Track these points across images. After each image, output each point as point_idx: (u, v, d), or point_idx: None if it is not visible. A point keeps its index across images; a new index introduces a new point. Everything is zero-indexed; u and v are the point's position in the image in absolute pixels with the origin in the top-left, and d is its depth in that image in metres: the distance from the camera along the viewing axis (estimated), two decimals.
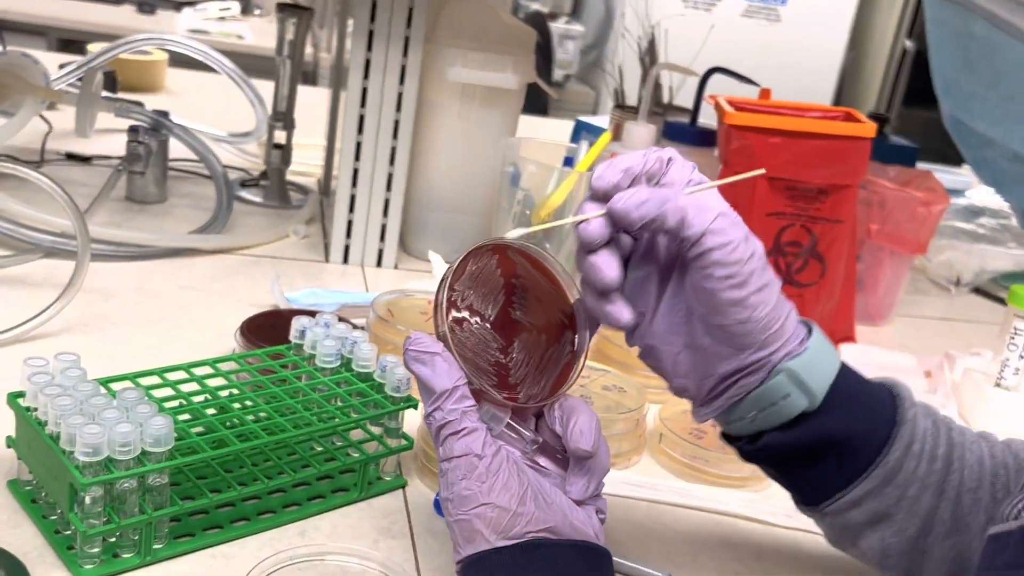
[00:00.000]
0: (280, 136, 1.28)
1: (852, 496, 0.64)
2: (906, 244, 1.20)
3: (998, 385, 1.04)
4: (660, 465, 0.87)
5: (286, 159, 1.29)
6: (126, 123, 1.22)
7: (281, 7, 1.24)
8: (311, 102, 1.44)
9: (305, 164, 1.40)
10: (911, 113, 3.54)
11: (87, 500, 0.60)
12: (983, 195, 1.57)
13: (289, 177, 1.32)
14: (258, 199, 1.28)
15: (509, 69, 1.13)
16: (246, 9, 3.40)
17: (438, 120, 1.15)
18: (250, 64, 1.51)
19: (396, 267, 1.16)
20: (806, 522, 0.79)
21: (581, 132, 1.50)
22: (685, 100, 1.31)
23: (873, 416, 0.65)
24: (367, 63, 1.07)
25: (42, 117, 1.23)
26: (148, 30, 2.49)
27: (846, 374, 0.64)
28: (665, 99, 1.35)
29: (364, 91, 1.08)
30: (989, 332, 1.23)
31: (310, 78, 2.30)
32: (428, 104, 1.13)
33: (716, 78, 1.24)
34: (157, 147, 1.19)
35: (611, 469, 0.83)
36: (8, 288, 0.96)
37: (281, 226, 1.20)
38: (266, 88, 1.40)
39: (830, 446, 0.64)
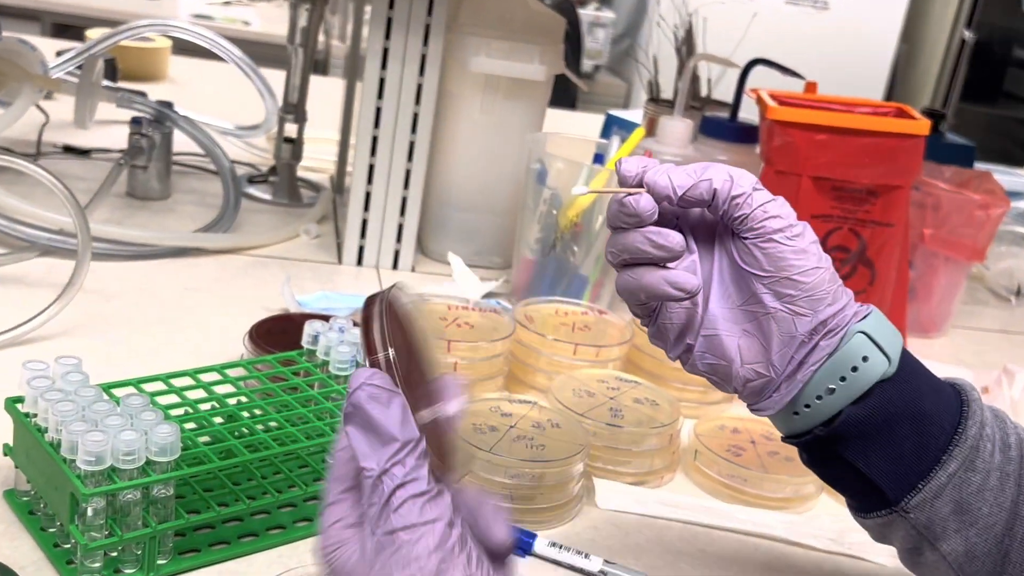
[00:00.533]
0: (291, 129, 1.29)
1: (936, 482, 0.64)
2: (962, 250, 1.19)
3: None
4: (695, 484, 0.87)
5: (297, 154, 1.30)
6: (127, 114, 1.23)
7: None
8: (323, 93, 1.45)
9: (317, 159, 1.41)
10: (969, 109, 3.54)
11: (89, 511, 0.61)
12: None
13: (300, 173, 1.33)
14: (267, 196, 1.29)
15: (536, 59, 1.13)
16: None
17: (459, 113, 1.15)
18: (258, 52, 1.52)
19: (413, 270, 1.17)
20: (851, 546, 0.81)
21: (612, 127, 1.51)
22: (724, 94, 1.32)
23: (942, 393, 0.67)
24: (385, 52, 1.08)
25: (39, 107, 1.24)
26: (150, 15, 2.50)
27: (906, 351, 0.65)
28: (703, 92, 1.36)
29: (382, 82, 1.09)
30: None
31: (321, 67, 2.32)
32: (449, 96, 1.14)
33: (758, 70, 1.24)
34: (160, 140, 1.21)
35: (643, 487, 0.84)
36: (4, 288, 0.97)
37: (291, 225, 1.21)
38: (275, 78, 1.42)
39: (909, 420, 0.65)
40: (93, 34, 1.63)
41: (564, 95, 1.64)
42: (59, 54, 1.35)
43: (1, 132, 1.13)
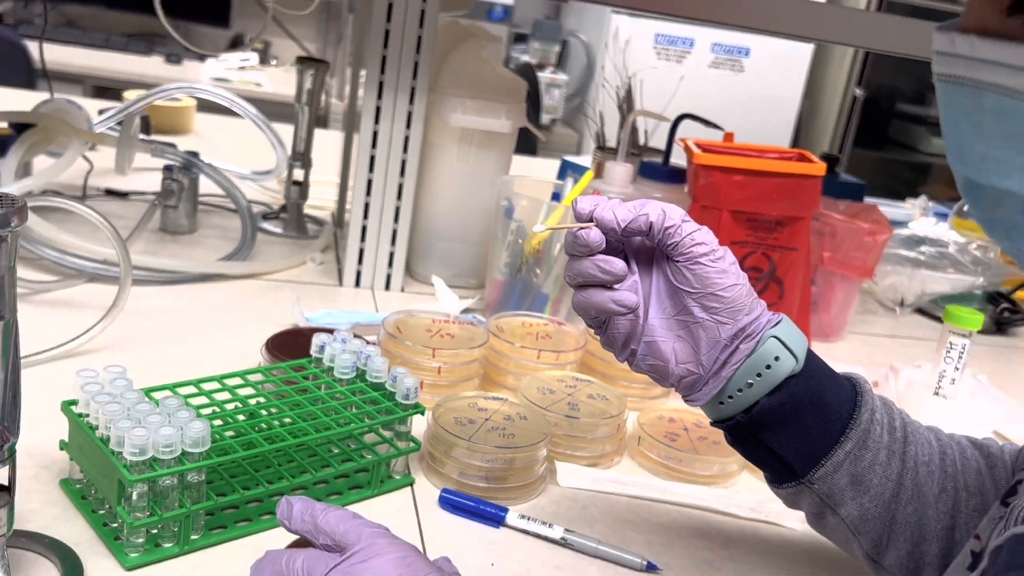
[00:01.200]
0: (298, 174, 1.28)
1: (836, 459, 0.65)
2: (855, 269, 1.20)
3: (936, 394, 1.06)
4: (639, 465, 0.87)
5: (304, 194, 1.30)
6: (159, 162, 1.23)
7: (300, 60, 1.25)
8: (325, 144, 1.45)
9: (320, 199, 1.40)
10: (860, 154, 3.57)
11: (134, 495, 0.61)
12: (924, 226, 1.58)
13: (306, 210, 1.32)
14: (279, 230, 1.29)
15: (503, 115, 1.14)
16: (263, 60, 3.40)
17: (440, 160, 1.15)
18: (268, 109, 1.52)
19: (403, 290, 1.16)
20: (768, 514, 0.81)
21: (567, 170, 1.50)
22: (658, 142, 1.32)
23: (840, 385, 0.67)
24: (378, 110, 1.08)
25: (84, 157, 1.23)
26: (176, 79, 2.49)
27: (811, 351, 0.66)
28: (641, 141, 1.36)
29: (375, 134, 1.09)
30: (929, 347, 1.23)
31: (323, 122, 2.31)
32: (431, 146, 1.14)
33: (686, 123, 1.25)
34: (188, 184, 1.20)
35: (596, 468, 0.85)
36: (56, 309, 0.96)
37: (299, 254, 1.20)
38: (284, 131, 1.41)
39: (813, 407, 0.65)
40: (131, 95, 1.62)
41: (526, 144, 1.64)
42: (101, 112, 1.34)
43: (54, 178, 1.12)
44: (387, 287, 1.16)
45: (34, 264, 1.03)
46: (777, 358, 0.63)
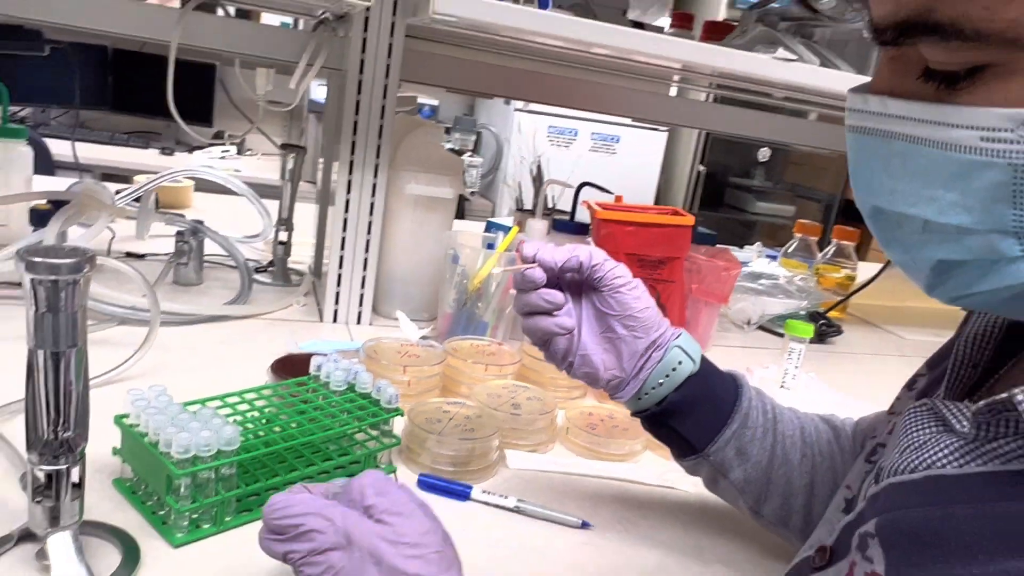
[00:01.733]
0: (283, 236, 1.27)
1: (725, 437, 0.66)
2: (715, 297, 1.24)
3: (781, 387, 1.11)
4: (568, 449, 0.88)
5: (287, 252, 1.28)
6: (168, 230, 1.20)
7: (284, 146, 1.25)
8: (297, 213, 1.44)
9: (300, 255, 1.39)
10: (704, 214, 3.67)
11: (181, 487, 0.60)
12: (760, 265, 1.61)
13: (289, 264, 1.30)
14: (268, 280, 1.26)
15: (446, 185, 1.15)
16: (240, 151, 3.35)
17: (398, 221, 1.15)
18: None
19: (371, 323, 1.15)
20: (669, 481, 0.83)
21: (491, 228, 1.54)
22: (562, 205, 1.36)
23: (726, 379, 0.68)
24: (349, 183, 1.08)
25: (108, 227, 1.20)
26: (172, 167, 2.43)
27: (703, 356, 0.67)
28: (550, 204, 1.40)
29: (347, 202, 1.09)
30: (769, 354, 1.29)
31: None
32: (391, 210, 1.14)
33: (585, 188, 1.30)
34: (196, 245, 1.18)
35: (535, 453, 0.86)
36: (95, 347, 0.92)
37: (287, 298, 1.19)
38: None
39: (708, 399, 0.66)
40: (140, 178, 1.58)
41: (457, 209, 1.65)
42: (117, 192, 1.30)
43: (87, 243, 1.09)
44: (358, 321, 1.15)
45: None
46: (680, 362, 0.64)
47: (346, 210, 1.10)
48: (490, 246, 1.12)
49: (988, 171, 0.36)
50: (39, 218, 1.11)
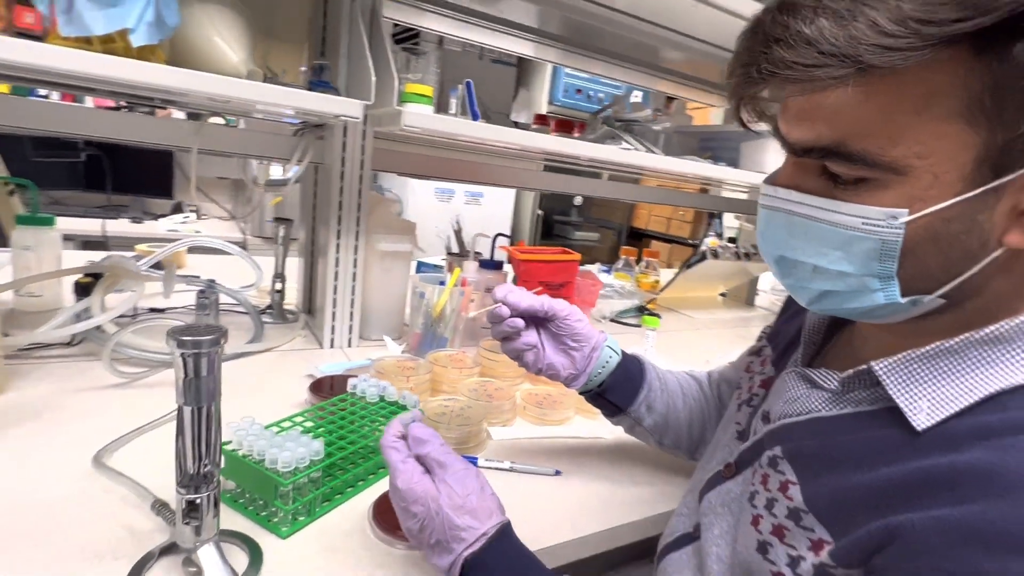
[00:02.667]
0: (278, 285, 1.18)
1: (639, 399, 0.68)
2: (588, 303, 1.29)
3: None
4: (526, 420, 0.87)
5: (283, 297, 1.19)
6: (178, 287, 1.08)
7: (276, 219, 1.17)
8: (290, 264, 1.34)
9: (289, 299, 1.29)
10: (542, 243, 3.75)
11: (285, 492, 0.56)
12: (603, 279, 1.68)
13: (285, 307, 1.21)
14: (270, 320, 1.17)
15: (407, 242, 1.12)
16: (199, 217, 3.05)
17: (372, 269, 1.11)
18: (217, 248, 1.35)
19: (358, 346, 1.09)
20: (598, 433, 0.83)
21: (422, 267, 1.48)
22: (483, 249, 1.35)
23: (634, 360, 0.70)
24: (338, 245, 1.03)
25: (133, 290, 1.06)
26: (140, 234, 2.16)
27: (622, 349, 0.68)
28: (468, 248, 1.39)
29: (337, 259, 1.04)
30: (624, 339, 1.31)
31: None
32: (368, 262, 1.10)
33: (498, 237, 1.30)
34: (214, 299, 1.07)
35: (505, 427, 0.84)
36: (151, 388, 0.83)
37: (288, 333, 1.10)
38: (222, 260, 1.27)
39: (627, 377, 0.68)
40: (142, 247, 1.41)
41: None
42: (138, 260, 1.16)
43: (126, 308, 0.96)
44: (349, 345, 1.09)
45: (132, 361, 0.88)
46: (611, 357, 0.66)
47: (336, 264, 1.05)
48: (442, 283, 1.11)
49: (865, 242, 0.38)
50: (82, 289, 0.96)
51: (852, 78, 0.34)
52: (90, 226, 2.57)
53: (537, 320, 0.66)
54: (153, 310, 1.14)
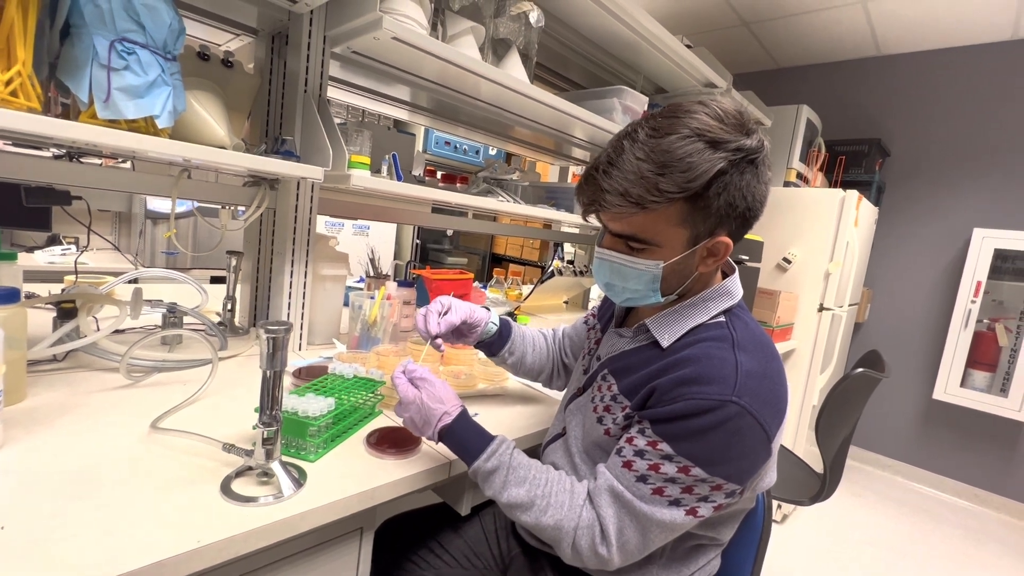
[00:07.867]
0: (229, 305, 1.24)
1: (509, 345, 0.85)
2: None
3: None
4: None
5: (234, 314, 1.24)
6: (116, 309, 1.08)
7: (230, 252, 1.23)
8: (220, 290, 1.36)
9: (240, 316, 1.34)
10: (421, 265, 3.82)
11: (313, 432, 0.72)
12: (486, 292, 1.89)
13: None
14: (228, 334, 1.23)
15: (343, 268, 1.24)
16: (78, 247, 2.72)
17: (320, 289, 1.19)
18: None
19: (308, 348, 1.18)
20: (498, 386, 0.99)
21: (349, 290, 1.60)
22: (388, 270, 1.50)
23: (506, 324, 0.85)
24: (291, 272, 1.13)
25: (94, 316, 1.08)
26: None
27: (500, 317, 0.85)
28: (384, 272, 1.54)
29: (291, 282, 1.14)
30: None
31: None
32: (314, 286, 1.18)
33: (409, 263, 1.47)
34: (178, 319, 1.12)
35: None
36: (151, 388, 0.89)
37: (244, 344, 1.16)
38: (179, 288, 1.32)
39: (500, 336, 0.84)
40: (82, 279, 1.35)
41: None
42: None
43: (116, 327, 0.99)
44: (300, 348, 1.18)
45: (135, 368, 0.92)
46: (491, 327, 0.86)
47: (290, 286, 1.16)
48: (372, 297, 1.27)
49: (645, 275, 0.62)
50: (64, 313, 0.99)
51: (639, 210, 0.59)
52: None
53: (447, 327, 0.81)
54: (117, 331, 1.15)
